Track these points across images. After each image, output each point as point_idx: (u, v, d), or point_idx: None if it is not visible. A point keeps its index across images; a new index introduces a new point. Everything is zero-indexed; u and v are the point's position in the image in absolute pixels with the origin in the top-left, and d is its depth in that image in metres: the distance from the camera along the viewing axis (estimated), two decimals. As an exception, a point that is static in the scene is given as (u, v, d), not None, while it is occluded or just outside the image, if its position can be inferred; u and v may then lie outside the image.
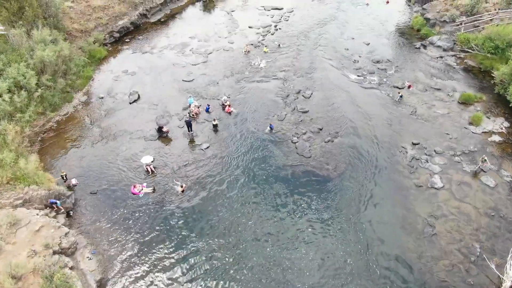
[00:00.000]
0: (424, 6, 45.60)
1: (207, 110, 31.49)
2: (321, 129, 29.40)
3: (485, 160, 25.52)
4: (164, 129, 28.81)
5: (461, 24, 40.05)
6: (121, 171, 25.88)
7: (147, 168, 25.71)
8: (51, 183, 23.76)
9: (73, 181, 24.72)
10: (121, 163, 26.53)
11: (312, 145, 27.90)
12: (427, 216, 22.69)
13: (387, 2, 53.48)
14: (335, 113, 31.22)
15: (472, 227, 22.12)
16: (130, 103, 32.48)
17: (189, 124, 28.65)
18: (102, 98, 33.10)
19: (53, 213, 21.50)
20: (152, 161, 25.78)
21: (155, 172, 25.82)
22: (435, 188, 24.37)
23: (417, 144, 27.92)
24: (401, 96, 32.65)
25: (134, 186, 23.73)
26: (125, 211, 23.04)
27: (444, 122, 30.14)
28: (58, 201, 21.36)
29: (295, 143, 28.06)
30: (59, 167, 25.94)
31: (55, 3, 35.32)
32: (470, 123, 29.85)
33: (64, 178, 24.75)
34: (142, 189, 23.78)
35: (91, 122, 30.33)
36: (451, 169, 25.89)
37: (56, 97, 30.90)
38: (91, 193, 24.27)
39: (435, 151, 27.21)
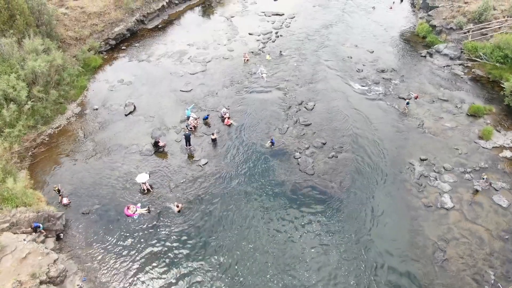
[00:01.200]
0: (430, 13, 44.76)
1: (205, 118, 30.58)
2: (324, 144, 28.47)
3: (484, 178, 24.69)
4: (161, 144, 27.88)
5: (468, 32, 39.22)
6: (115, 189, 24.93)
7: (142, 186, 24.76)
8: (41, 202, 22.86)
9: (65, 200, 23.78)
10: (115, 180, 25.57)
11: (315, 161, 26.96)
12: (437, 239, 21.73)
13: (391, 8, 52.73)
14: (339, 126, 30.30)
15: (485, 252, 21.17)
16: (126, 115, 31.57)
17: (187, 139, 27.74)
18: (96, 109, 32.19)
19: (42, 237, 20.48)
20: (147, 179, 24.81)
21: (151, 190, 24.86)
22: (445, 209, 23.43)
23: (425, 160, 27.00)
24: (408, 103, 31.78)
25: (128, 208, 22.76)
26: (119, 234, 22.06)
27: (453, 136, 29.23)
28: (41, 225, 20.31)
29: (297, 158, 27.13)
30: (50, 184, 25.02)
31: (48, 11, 34.45)
32: (480, 137, 28.94)
33: (58, 192, 24.01)
34: (136, 210, 22.81)
35: (84, 135, 29.39)
36: (461, 187, 24.95)
37: (48, 109, 29.99)
38: (83, 213, 23.32)
39: (444, 167, 26.27)
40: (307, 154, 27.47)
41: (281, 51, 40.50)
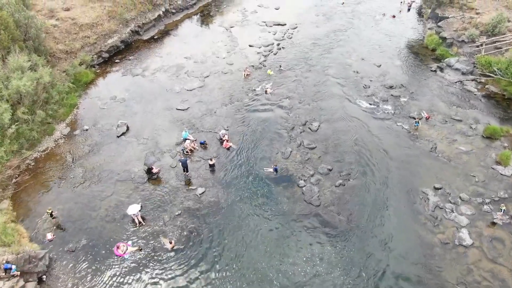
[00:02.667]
0: (440, 24, 43.40)
1: (202, 143, 29.11)
2: (330, 170, 26.98)
3: (503, 210, 23.27)
4: (154, 170, 26.37)
5: (481, 45, 37.82)
6: (104, 222, 23.40)
7: (134, 219, 23.23)
8: (23, 239, 21.37)
9: (49, 236, 22.27)
10: (104, 212, 24.04)
11: (321, 190, 25.45)
12: (456, 283, 20.19)
13: (393, 16, 51.46)
14: (346, 150, 28.84)
15: (510, 297, 19.62)
16: (118, 137, 30.10)
17: (184, 165, 26.22)
18: (86, 130, 30.74)
19: (21, 282, 18.92)
20: (140, 210, 23.30)
21: (143, 223, 23.32)
22: (464, 246, 21.90)
23: (440, 189, 25.50)
24: (416, 123, 30.42)
25: (118, 247, 21.20)
26: (108, 275, 20.51)
27: (468, 161, 27.75)
28: (13, 266, 18.72)
29: (302, 187, 25.61)
30: (34, 216, 23.49)
31: (36, 24, 32.97)
32: (498, 163, 27.46)
33: (51, 215, 22.96)
34: (127, 249, 21.27)
35: (73, 160, 27.90)
36: (480, 220, 23.43)
37: (35, 131, 28.56)
38: (68, 251, 21.76)
39: (460, 198, 24.77)
40: (312, 182, 25.96)
41: (280, 66, 39.02)
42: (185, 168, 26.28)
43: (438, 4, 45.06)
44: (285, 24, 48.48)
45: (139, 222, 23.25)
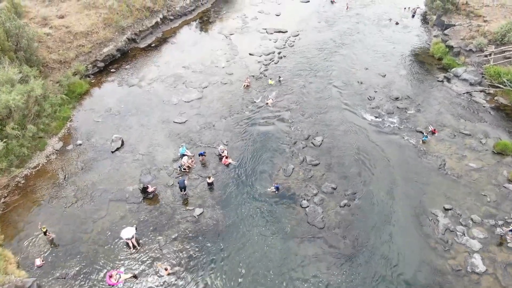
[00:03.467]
0: (446, 32, 42.58)
1: (201, 154, 28.16)
2: (335, 189, 26.05)
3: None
4: (150, 189, 25.42)
5: (490, 54, 36.97)
6: (97, 246, 22.43)
7: (128, 243, 22.27)
8: (10, 265, 20.41)
9: (37, 262, 21.30)
10: (97, 235, 23.09)
11: (325, 210, 24.51)
12: (469, 314, 19.22)
13: (397, 23, 50.68)
14: (350, 167, 27.93)
15: (527, 330, 18.65)
16: (112, 152, 29.17)
17: (182, 186, 25.23)
18: (80, 145, 29.84)
19: (7, 316, 17.96)
20: (134, 233, 22.34)
21: (138, 247, 22.37)
22: (477, 273, 20.94)
23: (450, 209, 24.58)
24: (424, 138, 29.62)
25: (110, 276, 20.21)
26: (98, 306, 19.55)
27: (479, 179, 26.83)
28: None
29: (305, 208, 24.66)
30: (24, 237, 22.65)
31: (28, 34, 32.09)
32: (510, 181, 26.59)
33: (45, 233, 22.23)
34: (120, 277, 20.29)
35: (65, 177, 26.96)
36: (493, 244, 22.50)
37: (25, 147, 27.64)
38: (58, 278, 20.78)
39: (472, 219, 23.83)
40: (316, 202, 25.01)
41: (280, 77, 37.86)
42: (183, 188, 25.32)
43: (444, 11, 44.26)
44: (287, 31, 47.69)
45: (134, 246, 22.31)
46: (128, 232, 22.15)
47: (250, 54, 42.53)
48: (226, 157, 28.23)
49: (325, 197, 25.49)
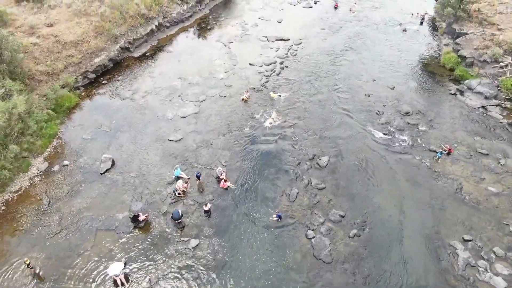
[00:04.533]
0: (458, 41, 40.95)
1: (198, 178, 26.43)
2: (343, 217, 24.34)
3: None
4: (141, 218, 23.67)
5: (506, 66, 35.34)
6: (82, 284, 20.67)
7: (115, 280, 20.52)
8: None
9: (15, 304, 19.53)
10: (82, 270, 21.33)
11: (333, 242, 22.81)
12: None
13: (404, 30, 49.12)
14: (359, 191, 26.26)
15: None
16: (101, 174, 27.44)
17: (176, 219, 23.48)
18: (67, 165, 28.10)
19: None
20: (122, 269, 20.60)
21: (126, 285, 20.64)
22: (503, 317, 19.18)
23: (470, 241, 22.86)
24: (439, 155, 28.20)
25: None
26: None
27: (500, 205, 25.16)
28: None
29: (310, 239, 22.93)
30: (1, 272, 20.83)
31: (12, 45, 30.43)
32: (533, 207, 24.85)
33: (28, 265, 20.66)
34: (105, 323, 18.52)
35: (49, 203, 25.22)
36: (519, 282, 20.74)
37: (6, 169, 25.85)
38: (37, 322, 19.02)
39: (494, 252, 22.13)
40: (322, 232, 23.28)
41: (279, 95, 35.83)
42: (177, 220, 23.56)
43: (455, 19, 42.64)
44: (289, 39, 46.07)
45: (122, 283, 20.59)
46: (115, 268, 20.46)
47: (250, 64, 40.89)
48: (225, 180, 26.53)
49: (332, 227, 23.77)
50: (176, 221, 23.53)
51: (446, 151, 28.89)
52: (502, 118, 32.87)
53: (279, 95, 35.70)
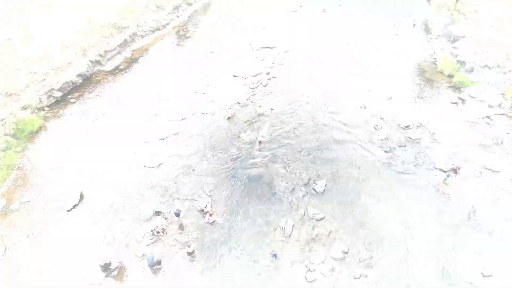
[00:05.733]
0: (455, 45, 39.07)
1: (177, 215, 23.64)
2: (346, 252, 21.88)
3: None
4: (113, 266, 20.73)
5: (510, 72, 33.51)
6: None
7: None
8: None
9: None
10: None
11: (336, 285, 20.19)
12: None
13: (396, 34, 47.14)
14: (363, 220, 23.87)
15: None
16: (68, 211, 24.44)
17: (151, 264, 20.69)
18: (27, 202, 24.98)
19: None
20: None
21: None
22: None
23: (489, 276, 20.57)
24: (447, 177, 25.86)
25: None
26: None
27: (518, 231, 22.99)
28: None
29: (311, 282, 20.34)
30: None
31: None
32: (555, 232, 22.77)
33: None
34: None
35: (4, 251, 22.04)
36: (549, 325, 18.50)
37: (-46, 212, 22.63)
38: None
39: (520, 289, 19.88)
40: (324, 273, 20.74)
41: (271, 109, 33.50)
42: (152, 266, 20.74)
43: (451, 21, 40.83)
44: (275, 47, 43.59)
45: None
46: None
47: (234, 76, 38.23)
48: (210, 214, 23.80)
49: (335, 265, 21.29)
50: (152, 268, 20.68)
51: (454, 169, 26.73)
52: (510, 128, 30.88)
53: (272, 109, 33.18)
